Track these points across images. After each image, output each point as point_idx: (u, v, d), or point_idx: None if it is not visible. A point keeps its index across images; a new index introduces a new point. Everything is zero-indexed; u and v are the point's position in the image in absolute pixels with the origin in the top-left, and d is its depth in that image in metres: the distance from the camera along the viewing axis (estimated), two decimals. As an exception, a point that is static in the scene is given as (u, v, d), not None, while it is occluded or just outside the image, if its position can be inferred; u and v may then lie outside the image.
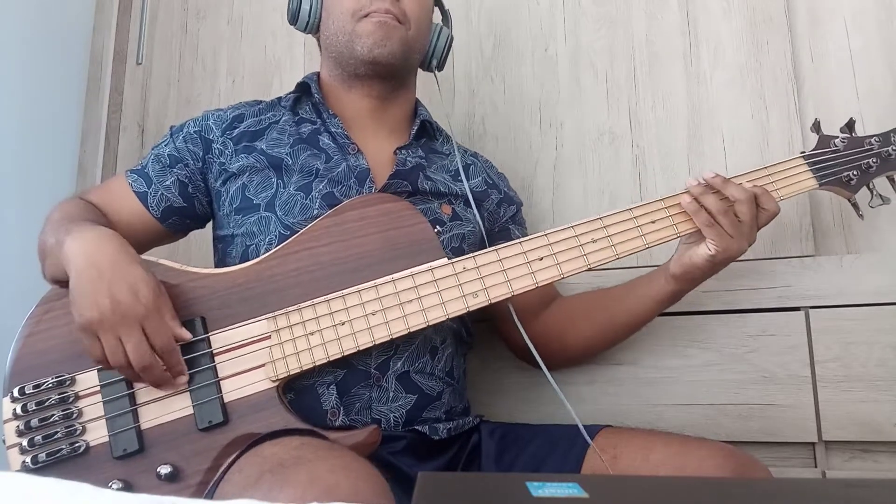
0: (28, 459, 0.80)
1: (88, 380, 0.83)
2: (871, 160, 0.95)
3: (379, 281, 0.86)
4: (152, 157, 1.01)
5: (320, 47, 1.08)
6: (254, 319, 0.85)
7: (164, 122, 1.53)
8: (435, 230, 0.91)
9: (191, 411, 0.82)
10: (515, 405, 1.12)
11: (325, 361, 0.84)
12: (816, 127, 0.97)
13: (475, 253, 0.88)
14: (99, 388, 0.83)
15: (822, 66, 1.11)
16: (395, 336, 0.85)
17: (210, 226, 1.05)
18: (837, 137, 0.96)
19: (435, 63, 1.10)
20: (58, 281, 0.88)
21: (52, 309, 0.86)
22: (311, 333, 0.85)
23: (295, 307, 0.85)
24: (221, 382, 0.83)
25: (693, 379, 1.04)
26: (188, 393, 0.82)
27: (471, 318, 1.04)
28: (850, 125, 0.97)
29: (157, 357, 0.80)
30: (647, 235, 0.89)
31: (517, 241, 0.89)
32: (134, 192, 1.00)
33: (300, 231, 0.90)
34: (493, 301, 0.87)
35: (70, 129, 1.53)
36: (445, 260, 0.88)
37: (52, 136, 1.49)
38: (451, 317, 0.86)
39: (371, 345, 0.85)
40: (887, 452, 0.97)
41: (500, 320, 1.03)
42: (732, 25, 1.17)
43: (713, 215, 0.87)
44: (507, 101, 1.28)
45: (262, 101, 1.06)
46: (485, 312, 0.92)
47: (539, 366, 0.89)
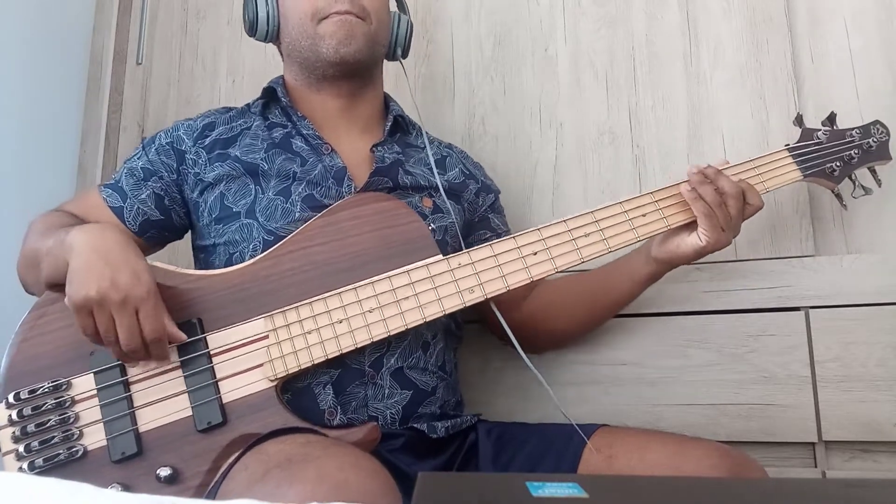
0: (25, 465, 0.78)
1: (85, 383, 0.82)
2: (852, 152, 0.98)
3: (375, 279, 0.87)
4: (125, 170, 1.01)
5: (282, 54, 1.07)
6: (250, 319, 0.85)
7: (164, 122, 1.53)
8: None
9: (189, 412, 0.81)
10: (514, 405, 1.12)
11: (323, 360, 0.84)
12: (799, 120, 1.00)
13: (470, 249, 0.89)
14: (96, 391, 0.82)
15: (822, 66, 1.11)
16: (392, 333, 0.85)
17: (188, 236, 1.04)
18: (820, 130, 0.99)
19: (399, 52, 1.10)
20: (54, 284, 0.86)
21: (46, 314, 0.85)
22: (309, 332, 0.85)
23: (291, 306, 0.85)
24: (219, 383, 0.83)
25: (693, 379, 1.04)
26: (186, 394, 0.82)
27: (463, 317, 1.04)
28: (831, 118, 1.00)
29: (146, 344, 0.80)
30: (639, 228, 0.92)
31: (511, 236, 0.91)
32: (109, 206, 0.99)
33: (287, 234, 0.90)
34: (489, 296, 0.88)
35: (70, 129, 1.53)
36: (441, 256, 0.88)
37: (52, 136, 1.49)
38: (447, 312, 0.86)
39: (369, 342, 0.85)
40: (887, 452, 0.97)
41: (489, 311, 1.02)
42: (732, 25, 1.16)
43: (710, 206, 0.88)
44: (507, 101, 1.28)
45: (232, 109, 1.06)
46: (474, 308, 0.92)
47: (528, 363, 0.89)
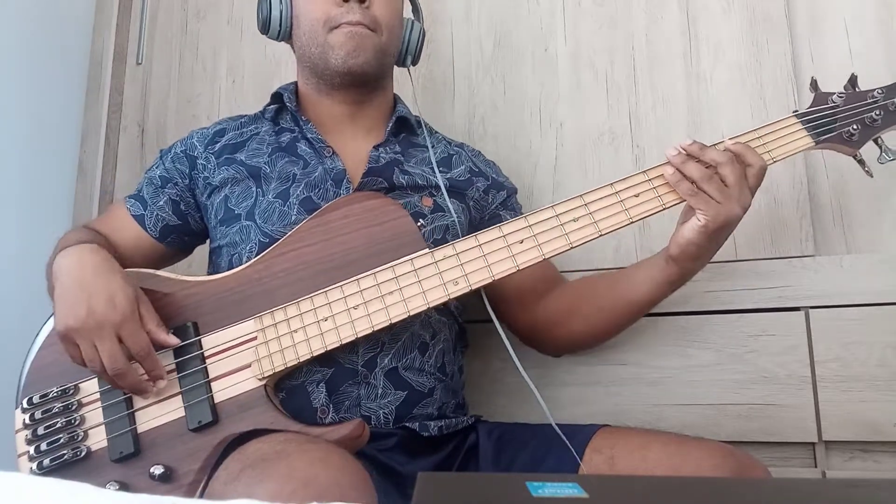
0: (34, 466, 0.83)
1: (90, 387, 0.87)
2: (874, 113, 0.89)
3: (361, 276, 0.87)
4: (146, 180, 1.06)
5: (295, 53, 1.08)
6: (242, 321, 0.87)
7: (164, 122, 1.53)
8: (417, 224, 0.91)
9: (182, 413, 0.84)
10: (515, 406, 1.11)
11: (308, 357, 0.85)
12: (814, 85, 0.93)
13: (454, 241, 0.87)
14: (99, 394, 0.86)
15: (822, 66, 1.11)
16: (377, 328, 0.85)
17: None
18: (835, 94, 0.91)
19: (410, 60, 1.10)
20: None
21: None
22: (295, 331, 0.86)
23: (279, 306, 0.87)
24: (211, 383, 0.85)
25: (693, 379, 1.04)
26: (181, 395, 0.85)
27: (466, 316, 1.04)
28: (852, 81, 0.91)
29: (137, 362, 0.83)
30: (631, 210, 0.86)
31: (496, 225, 0.88)
32: (132, 216, 1.04)
33: (282, 237, 0.91)
34: (473, 287, 0.85)
35: (70, 129, 1.53)
36: (426, 250, 0.87)
37: (52, 136, 1.49)
38: (432, 305, 0.85)
39: (354, 338, 0.85)
40: (887, 452, 0.96)
41: (502, 302, 1.01)
42: (732, 25, 1.16)
43: (696, 183, 0.84)
44: (507, 101, 1.28)
45: (244, 116, 1.08)
46: (489, 299, 0.93)
47: (518, 365, 0.90)
